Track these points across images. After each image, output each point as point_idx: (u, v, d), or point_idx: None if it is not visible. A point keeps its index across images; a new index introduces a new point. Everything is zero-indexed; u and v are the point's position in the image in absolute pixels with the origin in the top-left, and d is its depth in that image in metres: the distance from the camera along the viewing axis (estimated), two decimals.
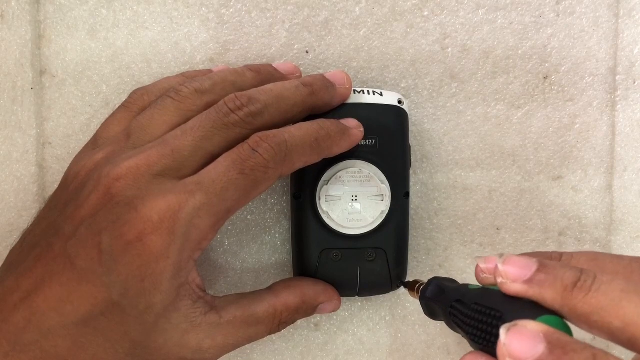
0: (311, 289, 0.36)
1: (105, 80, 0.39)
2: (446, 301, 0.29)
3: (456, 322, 0.28)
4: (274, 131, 0.32)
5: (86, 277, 0.28)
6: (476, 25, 0.40)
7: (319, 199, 0.35)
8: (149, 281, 0.28)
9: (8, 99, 0.38)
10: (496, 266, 0.26)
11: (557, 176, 0.41)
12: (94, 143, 0.34)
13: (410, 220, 0.40)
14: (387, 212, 0.36)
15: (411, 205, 0.40)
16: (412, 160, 0.39)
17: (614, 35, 0.40)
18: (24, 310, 0.28)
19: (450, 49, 0.40)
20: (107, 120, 0.35)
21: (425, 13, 0.40)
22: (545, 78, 0.40)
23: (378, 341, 0.41)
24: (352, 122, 0.35)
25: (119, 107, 0.35)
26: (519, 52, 0.40)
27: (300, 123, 0.33)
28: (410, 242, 0.39)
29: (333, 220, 0.35)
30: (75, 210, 0.30)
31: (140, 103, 0.35)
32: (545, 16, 0.40)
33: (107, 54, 0.39)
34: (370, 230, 0.36)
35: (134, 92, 0.35)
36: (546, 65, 0.40)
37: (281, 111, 0.33)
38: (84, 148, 0.35)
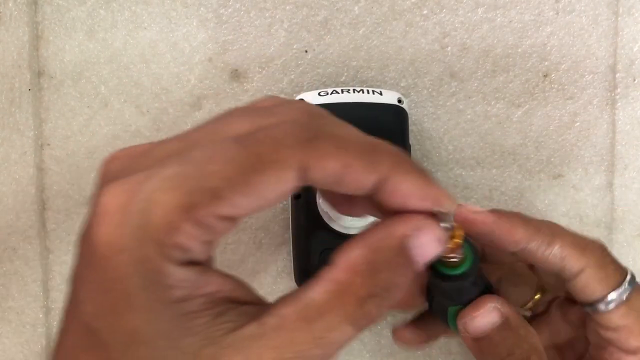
0: (379, 227, 0.23)
1: (103, 81, 0.39)
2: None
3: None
4: (308, 103, 0.24)
5: (73, 289, 0.22)
6: (475, 23, 0.40)
7: (319, 199, 0.35)
8: (114, 292, 0.20)
9: (6, 101, 0.38)
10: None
11: (558, 175, 0.41)
12: None
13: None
14: None
15: None
16: (412, 159, 0.38)
17: (613, 33, 0.40)
18: None
19: (449, 48, 0.40)
20: None
21: (425, 12, 0.39)
22: (545, 76, 0.40)
23: (379, 341, 0.41)
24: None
25: None
26: (519, 50, 0.40)
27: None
28: None
29: (333, 220, 0.35)
30: None
31: None
32: (544, 14, 0.40)
33: (105, 55, 0.38)
34: None
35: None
36: (546, 63, 0.40)
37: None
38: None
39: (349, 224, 0.36)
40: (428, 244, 0.23)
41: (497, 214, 0.29)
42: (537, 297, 0.34)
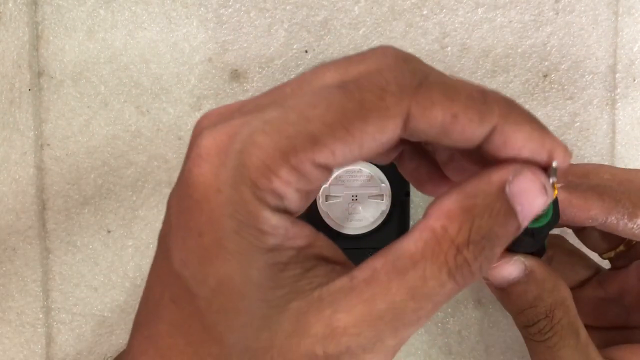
0: (480, 174, 0.21)
1: (103, 81, 0.39)
2: None
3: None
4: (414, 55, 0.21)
5: (164, 231, 0.21)
6: (475, 23, 0.40)
7: (319, 199, 0.35)
8: (207, 235, 0.19)
9: (6, 101, 0.38)
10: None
11: None
12: None
13: (411, 220, 0.39)
14: (387, 212, 0.36)
15: (411, 205, 0.40)
16: None
17: (613, 33, 0.40)
18: None
19: (449, 48, 0.40)
20: None
21: (425, 12, 0.39)
22: (545, 76, 0.40)
23: None
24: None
25: None
26: (519, 50, 0.40)
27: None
28: None
29: (333, 220, 0.35)
30: None
31: None
32: (544, 14, 0.40)
33: (105, 55, 0.38)
34: (371, 230, 0.36)
35: None
36: (546, 63, 0.40)
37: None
38: None
39: (350, 224, 0.36)
40: (531, 191, 0.20)
41: (569, 189, 0.28)
42: (620, 248, 0.33)
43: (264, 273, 0.19)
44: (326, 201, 0.35)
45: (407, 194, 0.37)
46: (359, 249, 0.36)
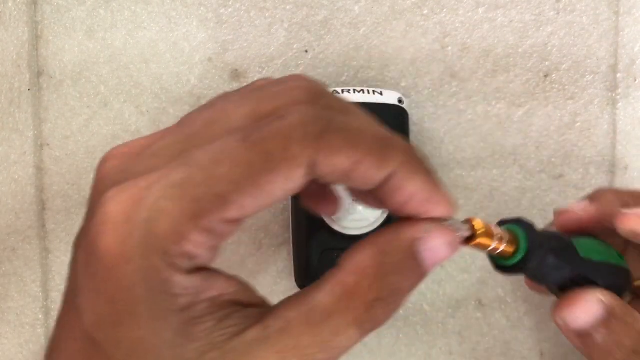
0: (389, 230, 0.22)
1: (103, 81, 0.39)
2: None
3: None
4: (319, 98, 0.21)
5: (66, 306, 0.21)
6: (476, 23, 0.40)
7: None
8: (119, 302, 0.19)
9: (5, 101, 0.38)
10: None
11: (559, 175, 0.40)
12: None
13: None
14: (388, 213, 0.36)
15: None
16: None
17: (614, 33, 0.40)
18: None
19: (450, 48, 0.40)
20: None
21: (425, 12, 0.39)
22: (545, 76, 0.40)
23: (380, 342, 0.41)
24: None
25: None
26: (519, 50, 0.40)
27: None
28: None
29: (334, 220, 0.35)
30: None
31: None
32: (545, 14, 0.40)
33: (105, 55, 0.38)
34: (372, 231, 0.36)
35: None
36: (547, 63, 0.40)
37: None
38: None
39: (350, 224, 0.35)
40: (438, 248, 0.22)
41: (595, 204, 0.29)
42: None
43: (177, 331, 0.19)
44: None
45: None
46: None
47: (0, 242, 0.38)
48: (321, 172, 0.20)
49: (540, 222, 0.40)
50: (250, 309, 0.21)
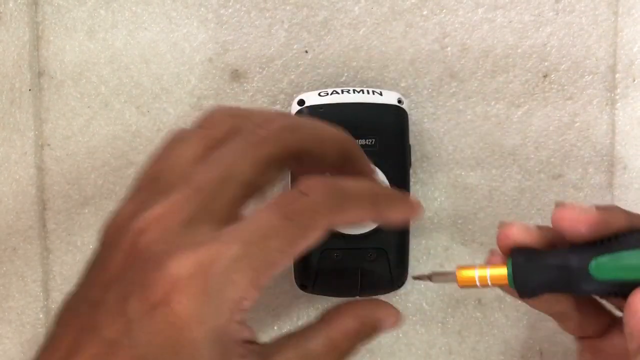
0: (366, 307, 0.31)
1: (104, 81, 0.39)
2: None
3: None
4: (328, 177, 0.28)
5: (114, 350, 0.24)
6: (475, 24, 0.40)
7: None
8: (184, 353, 0.24)
9: (6, 101, 0.38)
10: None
11: (558, 174, 0.41)
12: (132, 192, 0.30)
13: (411, 220, 0.39)
14: None
15: None
16: (412, 159, 0.38)
17: (613, 34, 0.40)
18: None
19: (449, 48, 0.40)
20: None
21: (425, 12, 0.39)
22: (544, 76, 0.40)
23: (379, 341, 0.41)
24: (410, 198, 0.34)
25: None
26: (519, 50, 0.40)
27: (357, 177, 0.30)
28: (410, 241, 0.39)
29: None
30: (101, 272, 0.26)
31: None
32: (544, 14, 0.40)
33: (105, 55, 0.38)
34: (371, 230, 0.36)
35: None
36: (546, 63, 0.40)
37: (317, 138, 0.29)
38: (121, 200, 0.30)
39: (351, 224, 0.36)
40: (391, 327, 0.31)
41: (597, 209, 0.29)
42: None
43: None
44: None
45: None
46: (360, 248, 0.36)
47: (1, 241, 0.38)
48: (337, 225, 0.27)
49: (540, 222, 0.40)
50: (255, 345, 0.26)
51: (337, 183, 0.27)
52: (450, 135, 0.40)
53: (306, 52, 0.39)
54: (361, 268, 0.36)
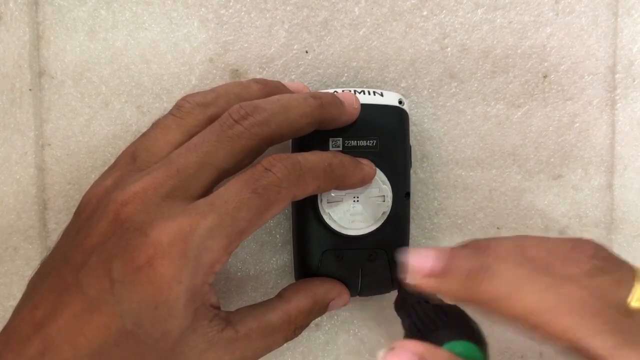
0: (320, 288, 0.35)
1: (104, 81, 0.39)
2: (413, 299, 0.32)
3: (411, 315, 0.31)
4: (287, 154, 0.31)
5: (98, 306, 0.27)
6: (475, 24, 0.40)
7: (321, 200, 0.35)
8: (162, 308, 0.27)
9: (7, 101, 0.38)
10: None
11: (558, 175, 0.41)
12: (110, 169, 0.33)
13: (411, 220, 0.40)
14: (388, 213, 0.36)
15: (411, 205, 0.40)
16: (413, 160, 0.39)
17: (613, 34, 0.40)
18: (38, 343, 0.28)
19: (449, 49, 0.40)
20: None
21: (425, 13, 0.39)
22: (544, 77, 0.40)
23: (379, 341, 0.41)
24: (364, 160, 0.35)
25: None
26: (518, 51, 0.40)
27: (314, 150, 0.33)
28: (410, 242, 0.39)
29: (335, 221, 0.35)
30: (85, 238, 0.29)
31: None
32: (544, 15, 0.40)
33: (106, 55, 0.38)
34: (372, 231, 0.36)
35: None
36: (545, 64, 0.40)
37: (289, 121, 0.32)
38: (100, 176, 0.34)
39: (350, 224, 0.36)
40: (337, 305, 0.36)
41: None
42: None
43: (191, 327, 0.29)
44: (328, 202, 0.35)
45: (408, 195, 0.37)
46: (360, 249, 0.36)
47: (2, 241, 0.38)
48: (299, 197, 0.31)
49: (540, 221, 0.41)
50: (219, 311, 0.30)
51: (295, 158, 0.31)
52: (450, 135, 0.40)
53: (306, 52, 0.39)
54: (362, 268, 0.36)
